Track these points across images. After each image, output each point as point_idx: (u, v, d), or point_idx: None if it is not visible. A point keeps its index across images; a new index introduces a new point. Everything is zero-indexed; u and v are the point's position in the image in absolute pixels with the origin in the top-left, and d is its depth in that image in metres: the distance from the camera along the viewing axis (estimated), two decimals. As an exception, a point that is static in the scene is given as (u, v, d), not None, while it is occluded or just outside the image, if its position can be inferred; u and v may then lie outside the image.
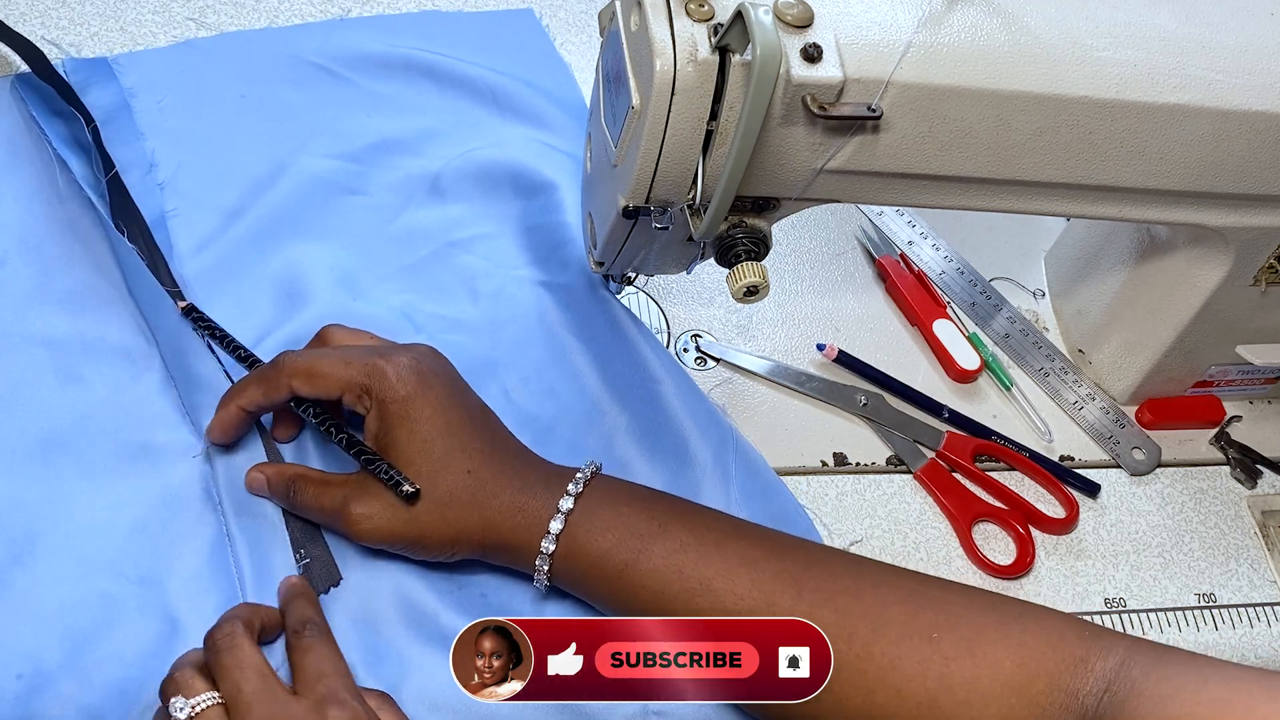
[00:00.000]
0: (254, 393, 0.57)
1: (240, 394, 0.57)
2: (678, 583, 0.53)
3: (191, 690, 0.49)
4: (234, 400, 0.57)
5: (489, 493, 0.55)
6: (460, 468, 0.55)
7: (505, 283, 0.69)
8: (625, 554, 0.54)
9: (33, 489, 0.57)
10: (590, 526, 0.54)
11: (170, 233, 0.67)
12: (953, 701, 0.48)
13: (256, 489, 0.58)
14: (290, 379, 0.56)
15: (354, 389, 0.55)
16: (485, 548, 0.55)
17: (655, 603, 0.53)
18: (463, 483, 0.55)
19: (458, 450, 0.55)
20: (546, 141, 0.75)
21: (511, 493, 0.55)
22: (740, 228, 0.53)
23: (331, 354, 0.57)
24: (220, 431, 0.58)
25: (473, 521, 0.54)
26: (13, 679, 0.52)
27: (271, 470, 0.58)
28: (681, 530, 0.54)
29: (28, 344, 0.62)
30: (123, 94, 0.72)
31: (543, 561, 0.54)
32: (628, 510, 0.55)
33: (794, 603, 0.52)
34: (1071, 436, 0.71)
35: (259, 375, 0.57)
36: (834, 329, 0.73)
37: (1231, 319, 0.66)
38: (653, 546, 0.54)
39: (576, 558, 0.54)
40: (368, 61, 0.77)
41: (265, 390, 0.57)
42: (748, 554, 0.54)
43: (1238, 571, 0.67)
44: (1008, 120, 0.52)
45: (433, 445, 0.55)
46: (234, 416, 0.57)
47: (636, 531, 0.54)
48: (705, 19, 0.48)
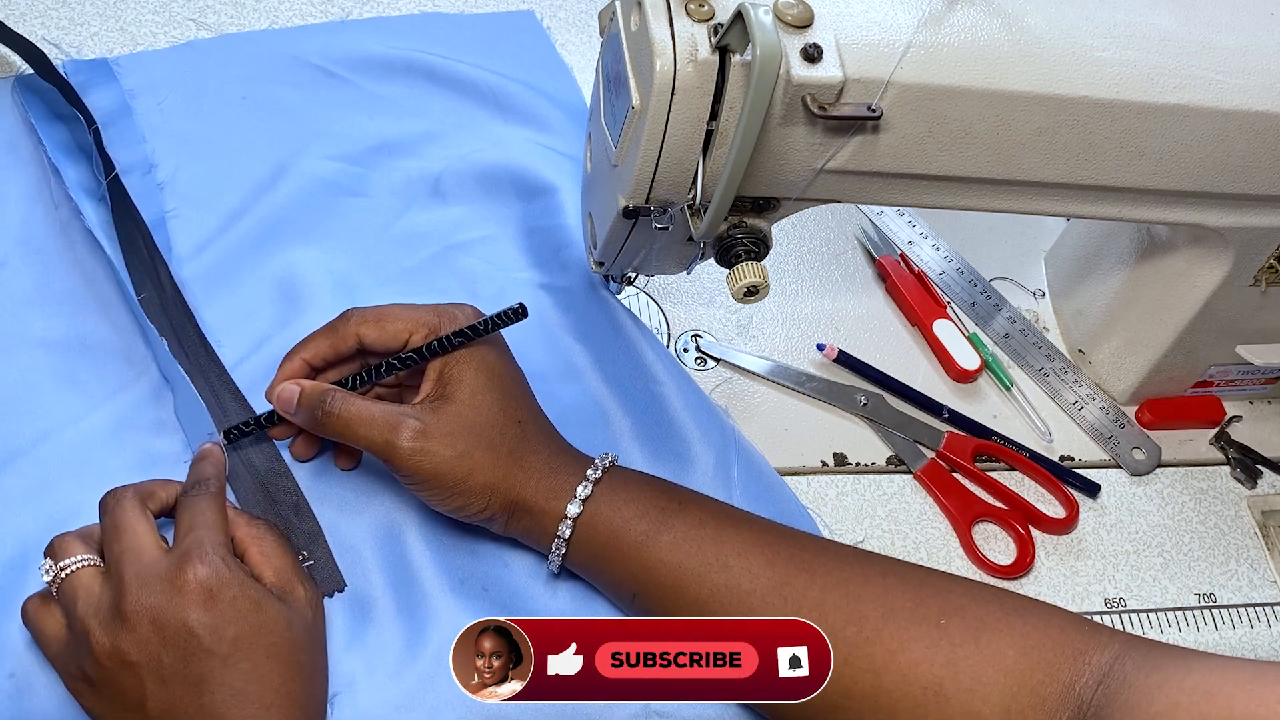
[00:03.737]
0: (320, 344, 0.57)
1: (306, 347, 0.57)
2: (696, 557, 0.54)
3: (65, 552, 0.50)
4: (299, 353, 0.57)
5: (531, 448, 0.56)
6: (513, 415, 0.56)
7: (506, 285, 0.69)
8: (647, 524, 0.54)
9: (29, 492, 0.57)
10: (613, 498, 0.55)
11: (170, 234, 0.67)
12: (957, 688, 0.49)
13: (283, 404, 0.56)
14: (358, 327, 0.56)
15: (421, 328, 0.56)
16: (514, 505, 0.55)
17: (671, 578, 0.54)
18: (513, 431, 0.55)
19: (513, 400, 0.56)
20: (547, 144, 0.75)
21: (549, 454, 0.56)
22: (740, 228, 0.54)
23: (395, 304, 0.57)
24: (281, 381, 0.56)
25: (514, 473, 0.55)
26: (5, 677, 0.52)
27: (309, 384, 0.56)
28: (700, 510, 0.56)
29: (27, 346, 0.62)
30: (123, 95, 0.72)
31: (565, 528, 0.55)
32: (649, 489, 0.56)
33: (807, 585, 0.52)
34: (1071, 436, 0.71)
35: (326, 327, 0.57)
36: (834, 329, 0.73)
37: (1231, 319, 0.67)
38: (673, 520, 0.55)
39: (598, 526, 0.55)
40: (369, 63, 0.77)
41: (332, 341, 0.57)
42: (764, 536, 0.55)
43: (1238, 571, 0.67)
44: (1008, 120, 0.52)
45: (494, 383, 0.56)
46: (297, 369, 0.57)
47: (657, 505, 0.55)
48: (705, 19, 0.48)
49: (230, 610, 0.48)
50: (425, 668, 0.55)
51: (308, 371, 0.57)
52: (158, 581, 0.48)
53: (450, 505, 0.55)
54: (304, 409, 0.55)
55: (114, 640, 0.47)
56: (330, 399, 0.55)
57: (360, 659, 0.55)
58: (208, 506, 0.52)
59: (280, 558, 0.53)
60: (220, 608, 0.48)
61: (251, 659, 0.48)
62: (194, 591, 0.48)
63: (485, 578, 0.58)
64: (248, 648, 0.48)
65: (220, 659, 0.47)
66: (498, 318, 0.56)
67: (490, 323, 0.56)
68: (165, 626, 0.47)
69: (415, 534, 0.59)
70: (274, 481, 0.58)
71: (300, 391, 0.55)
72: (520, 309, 0.56)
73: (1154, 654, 0.47)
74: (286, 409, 0.56)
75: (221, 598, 0.48)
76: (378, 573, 0.58)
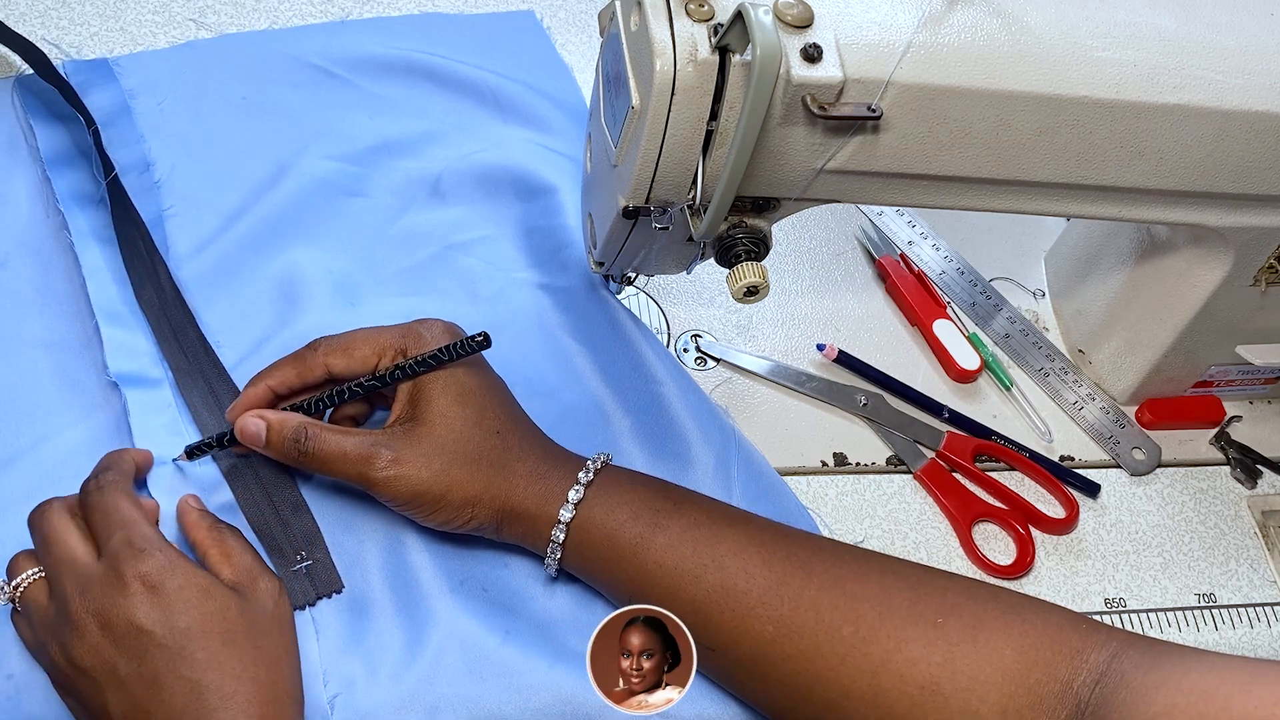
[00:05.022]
0: (287, 373, 0.56)
1: (272, 374, 0.57)
2: (691, 559, 0.53)
3: (15, 570, 0.50)
4: (264, 380, 0.57)
5: (514, 457, 0.55)
6: (490, 427, 0.55)
7: (505, 285, 0.69)
8: (641, 527, 0.54)
9: (28, 493, 0.57)
10: (607, 500, 0.55)
11: (168, 234, 0.67)
12: (955, 687, 0.49)
13: (249, 439, 0.55)
14: (326, 357, 0.56)
15: (389, 351, 0.56)
16: (503, 515, 0.55)
17: (667, 580, 0.53)
18: (491, 443, 0.55)
19: (488, 410, 0.56)
20: (547, 145, 0.75)
21: (534, 461, 0.56)
22: (740, 228, 0.54)
23: (362, 329, 0.57)
24: (243, 409, 0.56)
25: (497, 484, 0.55)
26: (4, 679, 0.52)
27: (275, 417, 0.55)
28: (695, 510, 0.55)
29: (27, 347, 0.62)
30: (123, 96, 0.72)
31: (559, 532, 0.54)
32: (643, 489, 0.56)
33: (803, 584, 0.52)
34: (1071, 436, 0.71)
35: (293, 356, 0.57)
36: (834, 329, 0.73)
37: (1231, 319, 0.66)
38: (668, 522, 0.54)
39: (592, 530, 0.54)
40: (369, 63, 0.77)
41: (299, 371, 0.56)
42: (759, 536, 0.54)
43: (1238, 571, 0.67)
44: (1008, 120, 0.52)
45: (467, 400, 0.55)
46: (261, 396, 0.56)
47: (652, 507, 0.55)
48: (705, 19, 0.48)
49: (177, 600, 0.48)
50: (425, 668, 0.55)
51: (271, 399, 0.57)
52: (97, 586, 0.48)
53: (436, 520, 0.55)
54: (274, 447, 0.55)
55: (67, 651, 0.47)
56: (303, 439, 0.54)
57: (360, 659, 0.55)
58: (114, 503, 0.51)
59: (241, 555, 0.53)
60: (166, 599, 0.48)
61: (206, 647, 0.47)
62: (137, 589, 0.47)
63: (485, 578, 0.58)
64: (200, 636, 0.47)
65: (174, 651, 0.47)
66: (460, 346, 0.55)
67: (452, 351, 0.55)
68: (113, 627, 0.47)
69: (414, 534, 0.58)
70: (273, 482, 0.58)
71: (267, 426, 0.55)
72: (484, 338, 0.56)
73: (1151, 652, 0.47)
74: (254, 443, 0.55)
75: (166, 589, 0.48)
76: (377, 573, 0.57)
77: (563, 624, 0.58)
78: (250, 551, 0.54)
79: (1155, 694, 0.43)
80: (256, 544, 0.56)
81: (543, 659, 0.56)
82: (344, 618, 0.56)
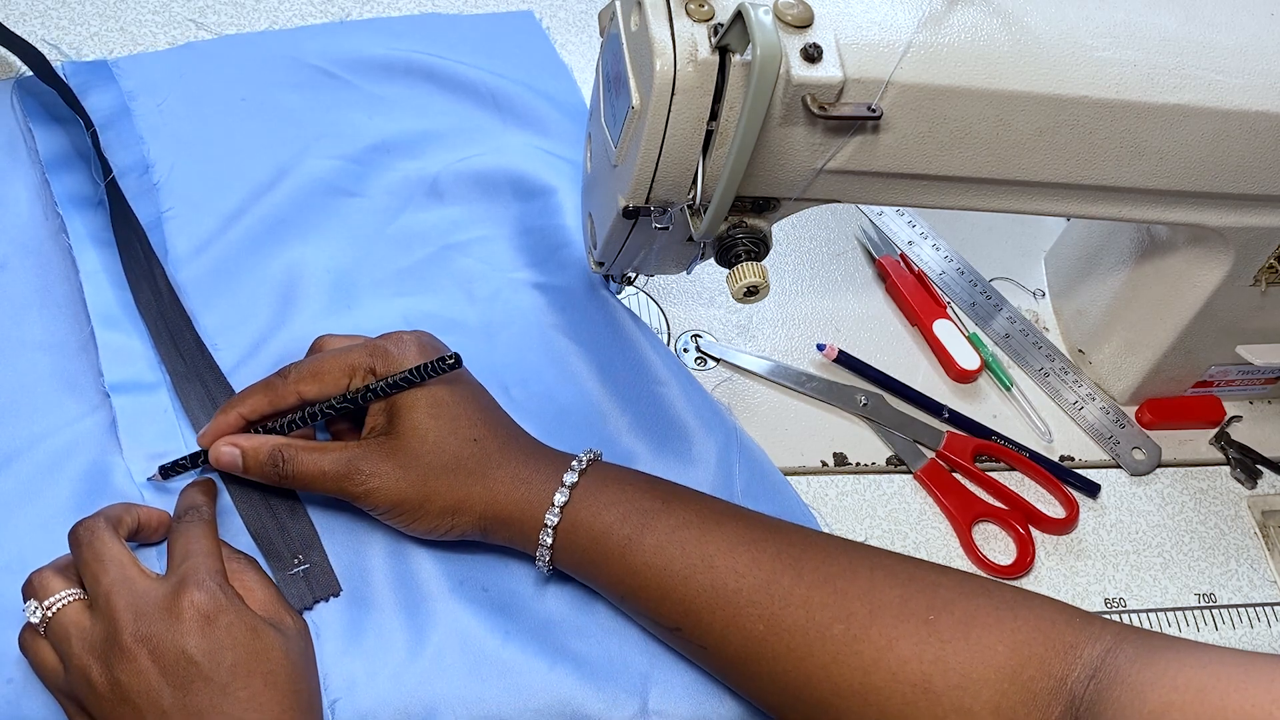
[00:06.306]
0: (259, 401, 0.57)
1: (243, 402, 0.57)
2: (681, 559, 0.53)
3: (46, 591, 0.49)
4: (235, 408, 0.57)
5: (494, 463, 0.55)
6: (467, 435, 0.55)
7: (502, 286, 0.69)
8: (629, 529, 0.54)
9: (27, 495, 0.57)
10: (594, 502, 0.55)
11: (166, 236, 0.67)
12: (947, 685, 0.49)
13: (226, 465, 0.56)
14: (298, 385, 0.56)
15: (360, 371, 0.56)
16: (487, 521, 0.55)
17: (657, 580, 0.53)
18: (469, 450, 0.55)
19: (464, 418, 0.55)
20: (546, 147, 0.75)
21: (516, 465, 0.55)
22: (740, 228, 0.53)
23: (331, 351, 0.57)
24: (214, 436, 0.57)
25: (477, 491, 0.55)
26: (3, 683, 0.52)
27: (249, 443, 0.56)
28: (683, 508, 0.55)
29: (26, 349, 0.62)
30: (123, 97, 0.72)
31: (546, 536, 0.54)
32: (631, 488, 0.55)
33: (794, 582, 0.52)
34: (1071, 436, 0.71)
35: (264, 384, 0.57)
36: (834, 329, 0.73)
37: (1231, 319, 0.67)
38: (656, 522, 0.54)
39: (579, 533, 0.54)
40: (368, 64, 0.77)
41: (271, 399, 0.56)
42: (749, 533, 0.54)
43: (1238, 571, 0.67)
44: (1008, 120, 0.52)
45: (440, 411, 0.55)
46: (233, 423, 0.57)
47: (640, 507, 0.54)
48: (705, 19, 0.48)
49: (227, 636, 0.48)
50: (425, 668, 0.55)
51: (243, 426, 0.57)
52: (153, 610, 0.48)
53: (419, 529, 0.56)
54: (253, 471, 0.56)
55: (113, 674, 0.47)
56: (281, 463, 0.55)
57: (360, 660, 0.55)
58: (201, 534, 0.52)
59: (263, 590, 0.52)
60: (217, 634, 0.48)
61: (249, 686, 0.47)
62: (191, 618, 0.47)
63: (485, 578, 0.58)
64: (245, 675, 0.47)
65: (219, 687, 0.47)
66: (430, 368, 0.55)
67: (422, 373, 0.55)
68: (164, 655, 0.47)
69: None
70: (269, 485, 0.58)
71: (242, 454, 0.56)
72: (455, 359, 0.55)
73: (1146, 646, 0.46)
74: (231, 469, 0.56)
75: (218, 623, 0.48)
76: (377, 574, 0.57)
77: (563, 624, 0.58)
78: (271, 585, 0.54)
79: (1150, 691, 0.43)
80: (253, 548, 0.57)
81: (543, 659, 0.56)
82: (344, 619, 0.56)
